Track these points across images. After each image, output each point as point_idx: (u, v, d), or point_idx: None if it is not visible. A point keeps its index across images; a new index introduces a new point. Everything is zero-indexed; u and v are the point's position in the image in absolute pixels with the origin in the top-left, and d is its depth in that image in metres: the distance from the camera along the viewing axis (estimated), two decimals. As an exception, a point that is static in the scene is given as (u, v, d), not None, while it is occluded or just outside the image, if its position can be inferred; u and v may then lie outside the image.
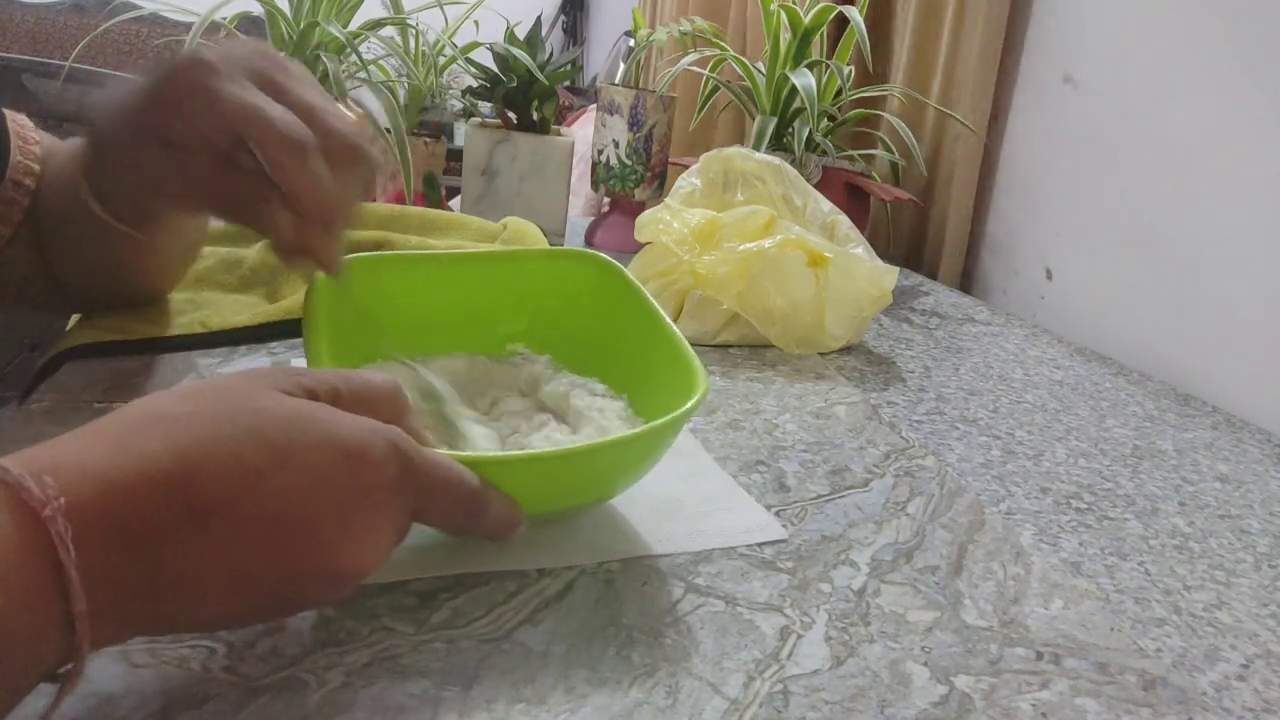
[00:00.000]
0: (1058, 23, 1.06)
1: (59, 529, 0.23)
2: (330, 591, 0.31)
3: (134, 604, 0.26)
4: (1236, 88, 0.83)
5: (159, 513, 0.26)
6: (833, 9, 1.05)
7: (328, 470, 0.29)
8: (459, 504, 0.34)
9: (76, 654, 0.24)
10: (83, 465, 0.25)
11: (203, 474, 0.27)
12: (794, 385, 0.68)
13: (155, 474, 0.26)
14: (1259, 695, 0.39)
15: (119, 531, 0.25)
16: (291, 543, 0.29)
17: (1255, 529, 0.55)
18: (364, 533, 0.30)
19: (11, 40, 2.59)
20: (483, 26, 1.04)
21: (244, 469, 0.28)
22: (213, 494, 0.27)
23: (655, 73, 1.70)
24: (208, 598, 0.28)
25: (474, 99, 1.02)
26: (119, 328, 0.58)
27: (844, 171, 1.08)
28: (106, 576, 0.25)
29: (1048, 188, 1.07)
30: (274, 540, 0.28)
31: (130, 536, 0.25)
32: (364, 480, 0.30)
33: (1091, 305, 0.99)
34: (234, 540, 0.27)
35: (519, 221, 0.88)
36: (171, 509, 0.26)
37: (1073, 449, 0.63)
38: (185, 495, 0.26)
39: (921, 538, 0.47)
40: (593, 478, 0.40)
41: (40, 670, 0.24)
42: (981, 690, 0.36)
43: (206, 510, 0.27)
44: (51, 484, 0.24)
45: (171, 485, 0.26)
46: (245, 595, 0.29)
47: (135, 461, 0.26)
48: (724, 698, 0.33)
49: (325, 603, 0.34)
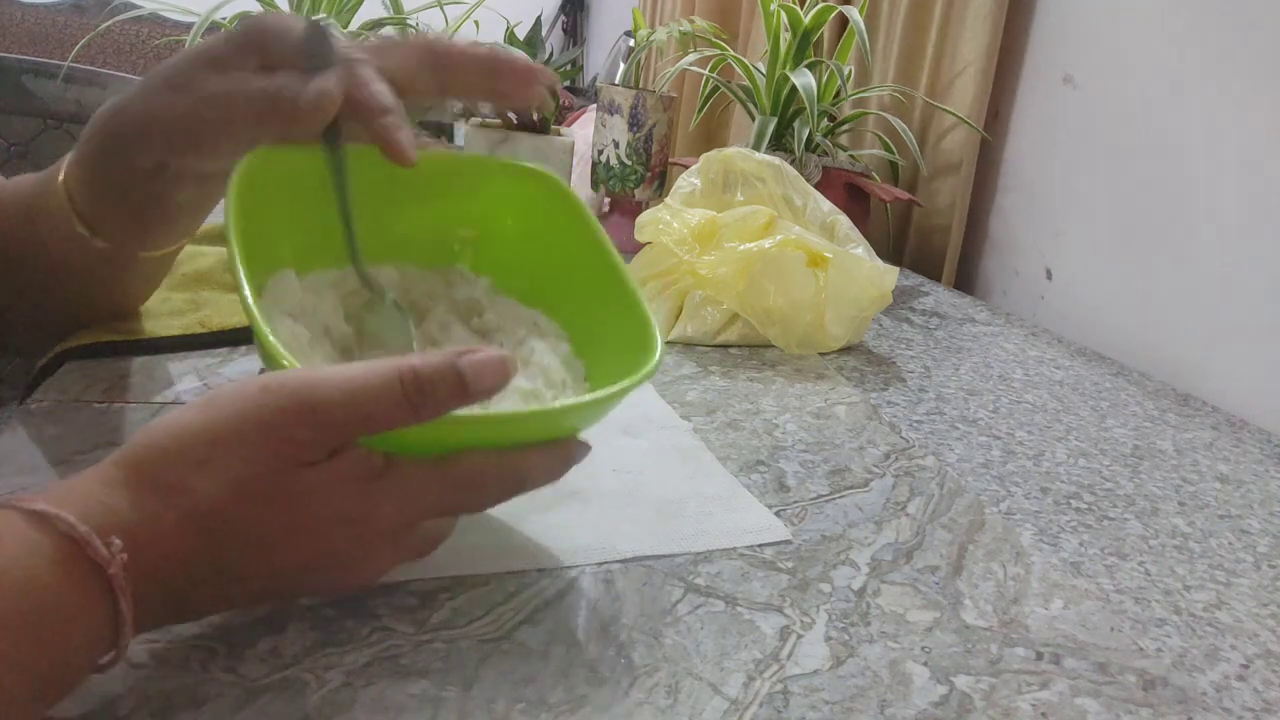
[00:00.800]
0: (1058, 23, 1.06)
1: (120, 584, 0.28)
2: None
3: (165, 618, 0.31)
4: (1236, 88, 0.83)
5: (189, 572, 0.30)
6: (833, 9, 1.05)
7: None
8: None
9: (118, 652, 0.29)
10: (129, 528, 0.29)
11: (228, 554, 0.31)
12: (794, 385, 0.68)
13: (186, 551, 0.30)
14: (1259, 695, 0.38)
15: (159, 584, 0.29)
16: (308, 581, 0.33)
17: (1255, 529, 0.55)
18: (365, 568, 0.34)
19: (11, 40, 2.59)
20: (483, 26, 1.04)
21: (262, 544, 0.31)
22: (235, 562, 0.31)
23: (655, 73, 1.70)
24: (227, 606, 0.33)
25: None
26: (119, 328, 0.58)
27: (844, 171, 1.08)
28: (143, 610, 0.29)
29: (1048, 188, 1.07)
30: (289, 584, 0.33)
31: (167, 584, 0.30)
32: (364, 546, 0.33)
33: (1091, 305, 0.99)
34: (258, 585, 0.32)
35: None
36: (201, 569, 0.30)
37: (1073, 449, 0.63)
38: (214, 561, 0.30)
39: (921, 538, 0.47)
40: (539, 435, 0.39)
41: (89, 672, 0.29)
42: (981, 690, 0.36)
43: (232, 575, 0.31)
44: (117, 544, 0.28)
45: (199, 556, 0.30)
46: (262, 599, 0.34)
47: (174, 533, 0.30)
48: (724, 698, 0.33)
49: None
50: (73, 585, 0.27)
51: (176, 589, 0.30)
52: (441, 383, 0.31)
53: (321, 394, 0.30)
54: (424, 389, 0.31)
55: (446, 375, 0.31)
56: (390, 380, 0.31)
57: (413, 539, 0.34)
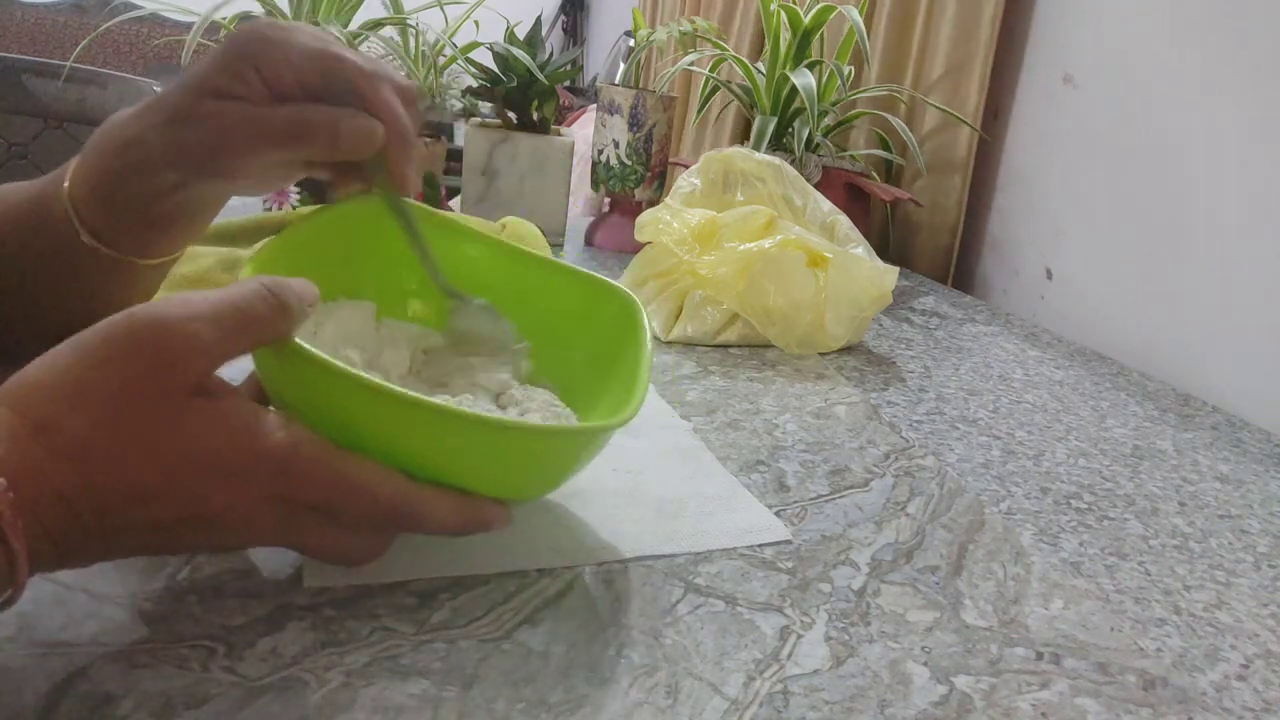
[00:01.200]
0: (1057, 22, 1.06)
1: (10, 522, 0.27)
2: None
3: (56, 561, 0.30)
4: (1236, 88, 0.83)
5: (72, 510, 0.29)
6: (833, 9, 1.05)
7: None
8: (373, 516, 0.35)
9: (16, 589, 0.28)
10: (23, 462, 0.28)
11: (107, 498, 0.30)
12: (794, 385, 0.68)
13: (65, 492, 0.29)
14: (1259, 695, 0.38)
15: (42, 523, 0.29)
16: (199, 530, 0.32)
17: (1255, 529, 0.55)
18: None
19: (11, 40, 2.59)
20: (483, 26, 1.04)
21: (138, 489, 0.30)
22: (116, 509, 0.30)
23: (655, 73, 1.70)
24: (117, 556, 0.32)
25: (474, 99, 1.02)
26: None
27: (844, 171, 1.08)
28: (32, 547, 0.28)
29: (1048, 188, 1.07)
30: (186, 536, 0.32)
31: (51, 524, 0.29)
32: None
33: (1091, 305, 0.99)
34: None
35: (518, 221, 0.88)
36: (82, 508, 0.29)
37: (1073, 449, 0.63)
38: (94, 503, 0.29)
39: (921, 538, 0.47)
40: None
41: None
42: (981, 690, 0.36)
43: (115, 526, 0.30)
44: (1, 482, 0.27)
45: (79, 499, 0.29)
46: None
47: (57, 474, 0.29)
48: (724, 698, 0.33)
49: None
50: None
51: (61, 529, 0.29)
52: (297, 284, 0.34)
53: (191, 309, 0.31)
54: (282, 286, 0.33)
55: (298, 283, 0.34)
56: (255, 286, 0.32)
57: (303, 524, 0.33)
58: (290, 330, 0.33)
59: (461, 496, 0.36)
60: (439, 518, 0.35)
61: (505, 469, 0.37)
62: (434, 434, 0.34)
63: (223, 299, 0.31)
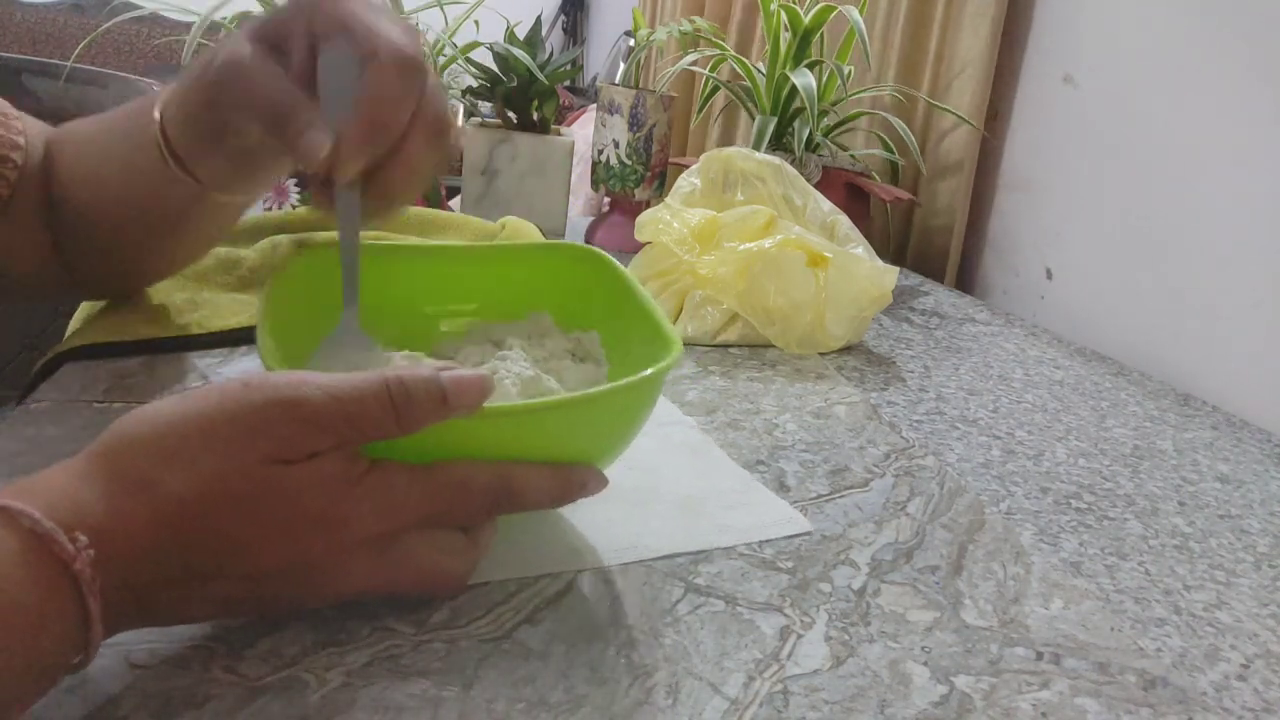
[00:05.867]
0: (1058, 22, 1.06)
1: (87, 581, 0.27)
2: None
3: (137, 620, 0.30)
4: (1236, 87, 0.83)
5: (160, 570, 0.29)
6: (833, 9, 1.05)
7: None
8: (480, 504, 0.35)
9: (88, 652, 0.28)
10: (94, 523, 0.28)
11: (199, 553, 0.30)
12: (794, 385, 0.68)
13: (155, 548, 0.29)
14: (1259, 695, 0.38)
15: (125, 581, 0.28)
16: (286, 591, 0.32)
17: (1255, 529, 0.55)
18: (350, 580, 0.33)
19: (11, 40, 2.59)
20: (483, 26, 1.04)
21: (233, 545, 0.30)
22: (208, 561, 0.30)
23: (655, 73, 1.70)
24: (198, 615, 0.32)
25: (474, 99, 1.02)
26: (119, 328, 0.58)
27: (844, 171, 1.08)
28: (112, 609, 0.28)
29: (1048, 187, 1.07)
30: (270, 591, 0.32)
31: (136, 582, 0.29)
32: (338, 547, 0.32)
33: (1091, 305, 0.99)
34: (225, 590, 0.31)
35: (517, 221, 0.88)
36: (171, 567, 0.29)
37: (1073, 449, 0.63)
38: (184, 559, 0.29)
39: (921, 538, 0.47)
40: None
41: (62, 672, 0.28)
42: (981, 690, 0.36)
43: (204, 575, 0.30)
44: (83, 540, 0.27)
45: (169, 554, 0.29)
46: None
47: (143, 533, 0.29)
48: (724, 698, 0.33)
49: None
50: (38, 582, 0.26)
51: (146, 588, 0.29)
52: (425, 394, 0.31)
53: (305, 393, 0.30)
54: (410, 396, 0.31)
55: (430, 386, 0.32)
56: (378, 387, 0.31)
57: (399, 555, 0.33)
58: (404, 434, 0.32)
59: (554, 466, 0.36)
60: (539, 489, 0.36)
61: (594, 437, 0.39)
62: (529, 432, 0.36)
63: (348, 386, 0.31)
